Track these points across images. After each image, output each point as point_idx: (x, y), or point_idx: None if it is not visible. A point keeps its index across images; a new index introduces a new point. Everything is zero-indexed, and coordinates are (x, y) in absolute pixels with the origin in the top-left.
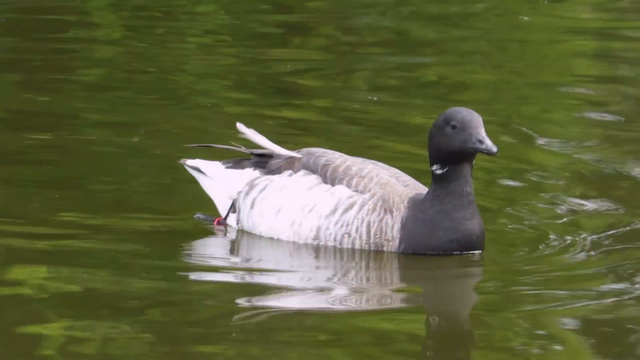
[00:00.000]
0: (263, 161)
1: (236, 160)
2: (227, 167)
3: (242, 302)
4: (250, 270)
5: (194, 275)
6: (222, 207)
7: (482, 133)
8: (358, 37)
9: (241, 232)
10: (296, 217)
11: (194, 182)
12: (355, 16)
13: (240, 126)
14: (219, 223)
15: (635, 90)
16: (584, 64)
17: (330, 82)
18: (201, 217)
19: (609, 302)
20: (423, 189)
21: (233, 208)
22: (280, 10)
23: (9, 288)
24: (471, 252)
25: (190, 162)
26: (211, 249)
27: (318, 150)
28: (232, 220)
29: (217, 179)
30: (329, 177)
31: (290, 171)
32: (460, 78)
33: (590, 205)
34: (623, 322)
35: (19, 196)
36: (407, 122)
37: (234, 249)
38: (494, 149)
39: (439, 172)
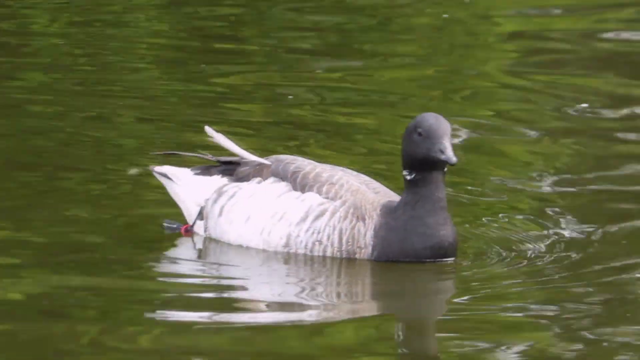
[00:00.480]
0: (231, 168)
1: (204, 167)
2: (195, 174)
3: (209, 314)
4: (219, 280)
5: (159, 285)
6: (190, 215)
7: (445, 142)
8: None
9: (209, 240)
10: (266, 224)
11: (162, 188)
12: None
13: (208, 130)
14: (186, 231)
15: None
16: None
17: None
18: (169, 225)
19: (584, 309)
20: (394, 196)
21: (201, 215)
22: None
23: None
24: (444, 259)
25: (158, 168)
26: (178, 258)
27: (287, 157)
28: (199, 227)
29: (184, 186)
30: (299, 184)
31: (259, 178)
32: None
33: (562, 211)
34: (596, 329)
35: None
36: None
37: (201, 257)
38: (453, 160)
39: (409, 177)
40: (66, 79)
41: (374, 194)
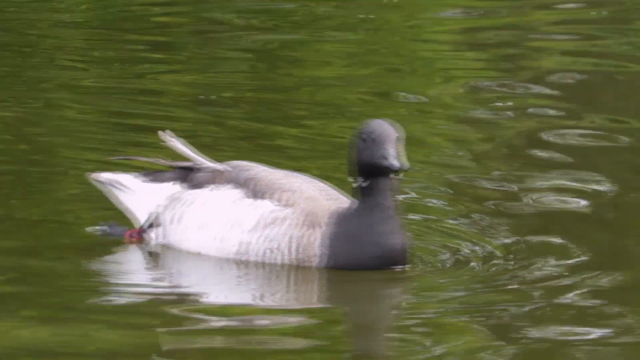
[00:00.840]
0: (185, 174)
1: (155, 173)
2: (146, 180)
3: (160, 330)
4: (170, 290)
5: (103, 304)
6: (139, 222)
7: (389, 148)
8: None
9: (160, 247)
10: (219, 231)
11: (94, 193)
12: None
13: (162, 135)
14: (131, 237)
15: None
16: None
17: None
18: (104, 229)
19: (536, 314)
20: (348, 203)
21: (152, 222)
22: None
23: None
24: (395, 267)
25: (96, 175)
26: (126, 267)
27: (242, 164)
28: (151, 235)
29: (135, 192)
30: (253, 190)
31: (214, 185)
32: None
33: (511, 216)
34: (547, 333)
35: None
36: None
37: (152, 266)
38: (396, 166)
39: (355, 185)
40: None
41: (327, 201)
